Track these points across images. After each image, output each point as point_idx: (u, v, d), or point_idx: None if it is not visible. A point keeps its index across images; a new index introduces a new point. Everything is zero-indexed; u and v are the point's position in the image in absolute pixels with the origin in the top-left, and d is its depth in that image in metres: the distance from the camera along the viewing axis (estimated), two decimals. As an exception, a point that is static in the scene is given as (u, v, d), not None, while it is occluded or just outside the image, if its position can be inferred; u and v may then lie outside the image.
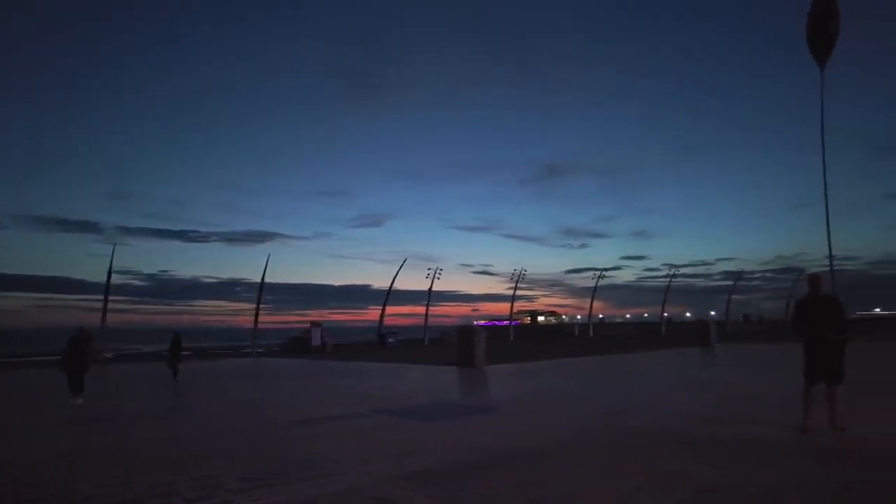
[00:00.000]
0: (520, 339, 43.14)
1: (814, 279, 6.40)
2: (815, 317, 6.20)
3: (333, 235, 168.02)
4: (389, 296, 40.73)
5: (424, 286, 42.37)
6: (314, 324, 36.16)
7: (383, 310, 40.19)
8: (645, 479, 4.51)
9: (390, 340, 36.82)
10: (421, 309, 42.31)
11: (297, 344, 34.34)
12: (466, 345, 16.93)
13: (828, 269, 9.36)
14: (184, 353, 16.25)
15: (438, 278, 42.20)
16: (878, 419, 6.85)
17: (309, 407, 9.69)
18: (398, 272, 40.68)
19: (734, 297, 53.29)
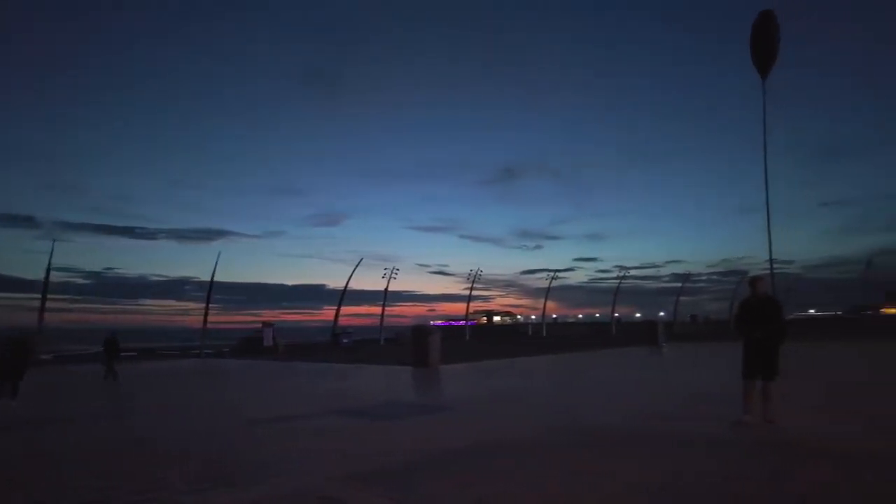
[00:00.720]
0: (475, 339, 43.47)
1: (755, 281, 6.71)
2: (755, 317, 6.50)
3: (287, 234, 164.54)
4: (345, 296, 40.30)
5: (381, 286, 42.08)
6: (266, 324, 35.40)
7: (338, 310, 39.74)
8: (590, 475, 4.63)
9: (344, 341, 36.41)
10: (377, 309, 42.01)
11: (249, 344, 33.56)
12: (421, 345, 16.94)
13: (769, 271, 9.83)
14: (126, 353, 15.77)
15: (395, 278, 41.99)
16: (805, 414, 7.20)
17: (260, 408, 9.49)
18: (353, 271, 40.24)
19: (682, 298, 55.09)
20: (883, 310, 65.98)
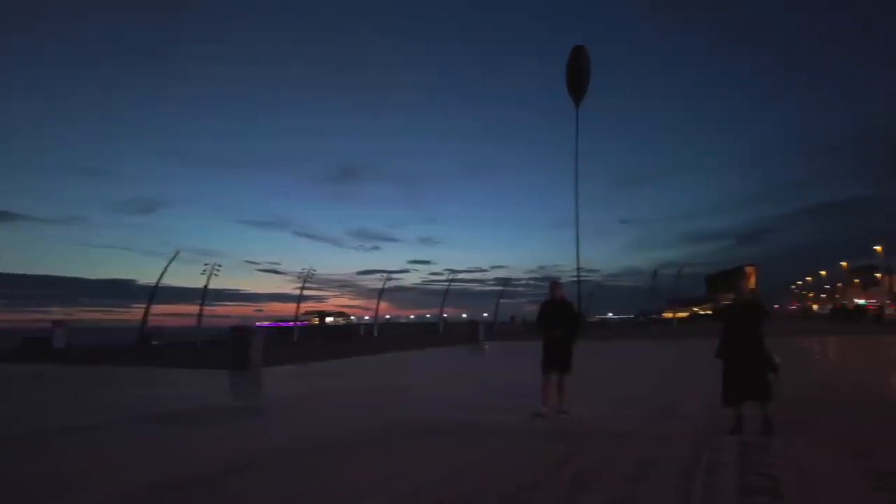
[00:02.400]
0: (305, 340, 42.16)
1: (554, 286, 7.54)
2: (553, 317, 7.30)
3: (90, 220, 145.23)
4: (158, 292, 36.68)
5: (201, 283, 38.97)
6: (57, 322, 30.86)
7: (147, 308, 36.05)
8: (402, 467, 4.86)
9: (155, 342, 33.20)
10: (195, 308, 38.81)
11: (35, 346, 28.91)
12: (241, 346, 16.09)
13: (576, 278, 11.10)
14: None
15: (216, 275, 39.19)
16: (593, 403, 8.21)
17: (49, 417, 8.29)
18: (168, 266, 36.81)
19: (503, 300, 59.44)
20: (664, 314, 77.29)
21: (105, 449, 5.99)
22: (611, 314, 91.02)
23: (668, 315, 72.65)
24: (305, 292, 47.67)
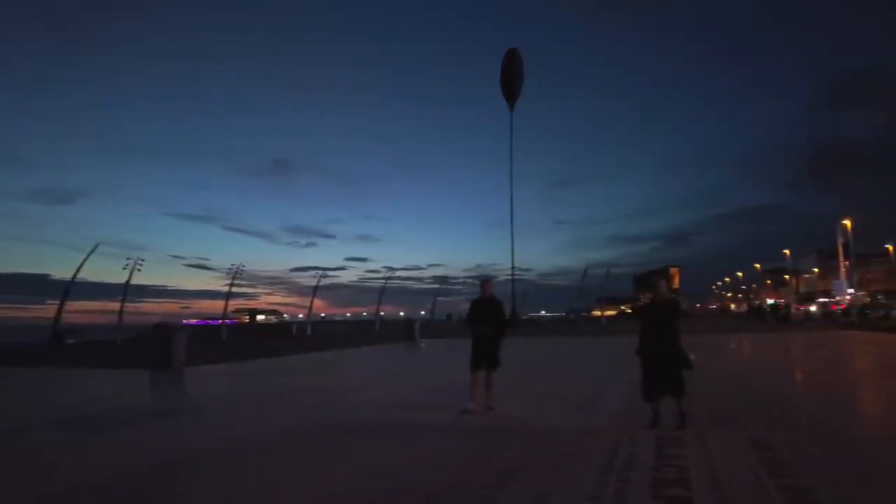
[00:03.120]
0: (234, 339, 40.71)
1: (484, 283, 7.60)
2: (482, 315, 7.36)
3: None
4: (74, 288, 34.50)
5: (123, 278, 36.86)
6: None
7: (62, 304, 33.82)
8: (324, 467, 4.77)
9: (70, 341, 31.17)
10: (117, 305, 36.67)
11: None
12: (163, 345, 15.36)
13: (510, 277, 11.32)
14: None
15: (139, 270, 37.22)
16: (521, 399, 8.37)
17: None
18: (86, 259, 34.68)
19: (441, 298, 59.66)
20: (593, 312, 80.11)
21: (13, 457, 5.57)
22: (543, 312, 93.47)
23: (597, 313, 75.31)
24: (236, 289, 46.24)
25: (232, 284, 44.88)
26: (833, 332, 27.45)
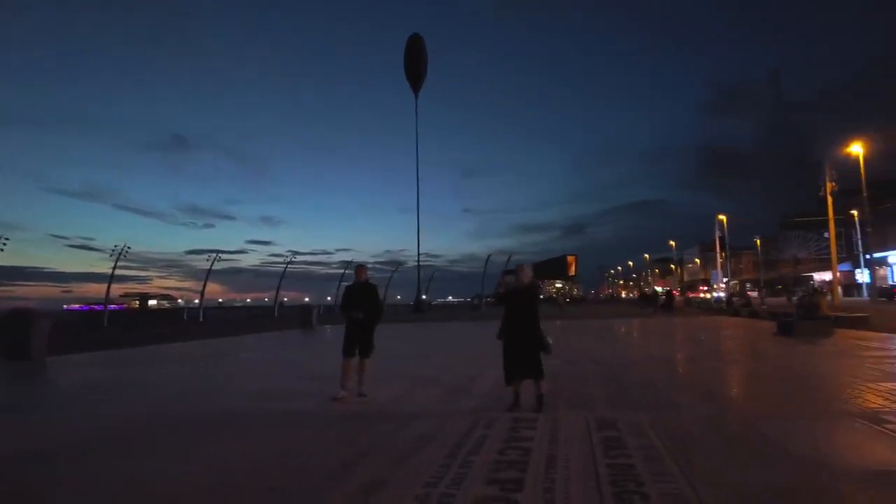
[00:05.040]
0: (116, 326, 37.83)
1: (358, 269, 7.47)
2: (357, 300, 7.23)
3: None
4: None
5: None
6: None
7: None
8: (172, 459, 4.47)
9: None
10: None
11: None
12: (19, 332, 13.91)
13: (420, 264, 11.28)
14: None
15: (2, 249, 33.55)
16: (395, 384, 8.33)
17: None
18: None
19: (347, 284, 58.77)
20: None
21: None
22: (451, 297, 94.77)
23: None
24: (127, 272, 43.10)
25: (115, 267, 41.63)
26: (705, 317, 29.94)
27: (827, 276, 53.52)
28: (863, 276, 54.79)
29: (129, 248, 41.91)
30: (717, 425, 5.23)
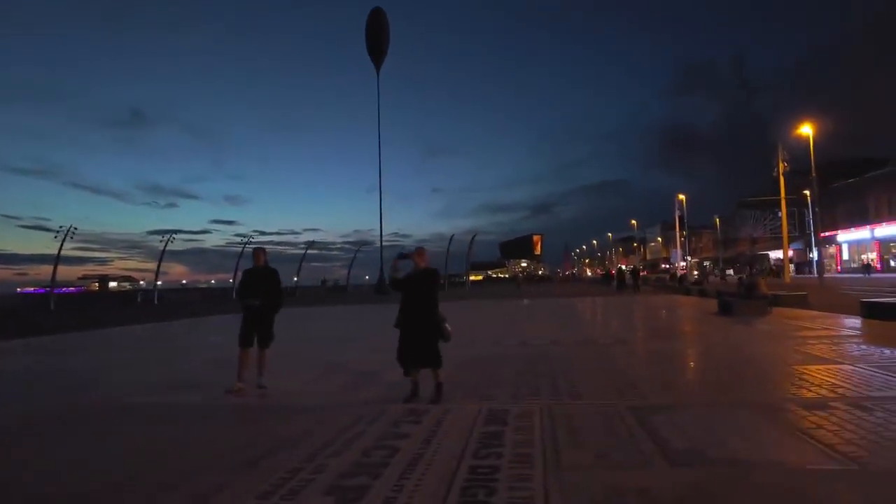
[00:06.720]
0: (63, 310, 36.37)
1: (257, 252, 7.00)
2: (255, 286, 6.79)
3: None
4: None
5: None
6: None
7: None
8: (51, 455, 4.03)
9: None
10: None
11: None
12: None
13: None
14: None
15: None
16: (300, 374, 7.90)
17: None
18: None
19: (316, 264, 58.21)
20: (470, 277, 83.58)
21: None
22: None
23: (476, 277, 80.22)
24: (86, 254, 41.84)
25: (61, 248, 39.91)
26: (658, 296, 30.27)
27: (780, 254, 54.91)
28: (814, 254, 56.39)
29: (75, 228, 40.16)
30: (609, 417, 4.98)
